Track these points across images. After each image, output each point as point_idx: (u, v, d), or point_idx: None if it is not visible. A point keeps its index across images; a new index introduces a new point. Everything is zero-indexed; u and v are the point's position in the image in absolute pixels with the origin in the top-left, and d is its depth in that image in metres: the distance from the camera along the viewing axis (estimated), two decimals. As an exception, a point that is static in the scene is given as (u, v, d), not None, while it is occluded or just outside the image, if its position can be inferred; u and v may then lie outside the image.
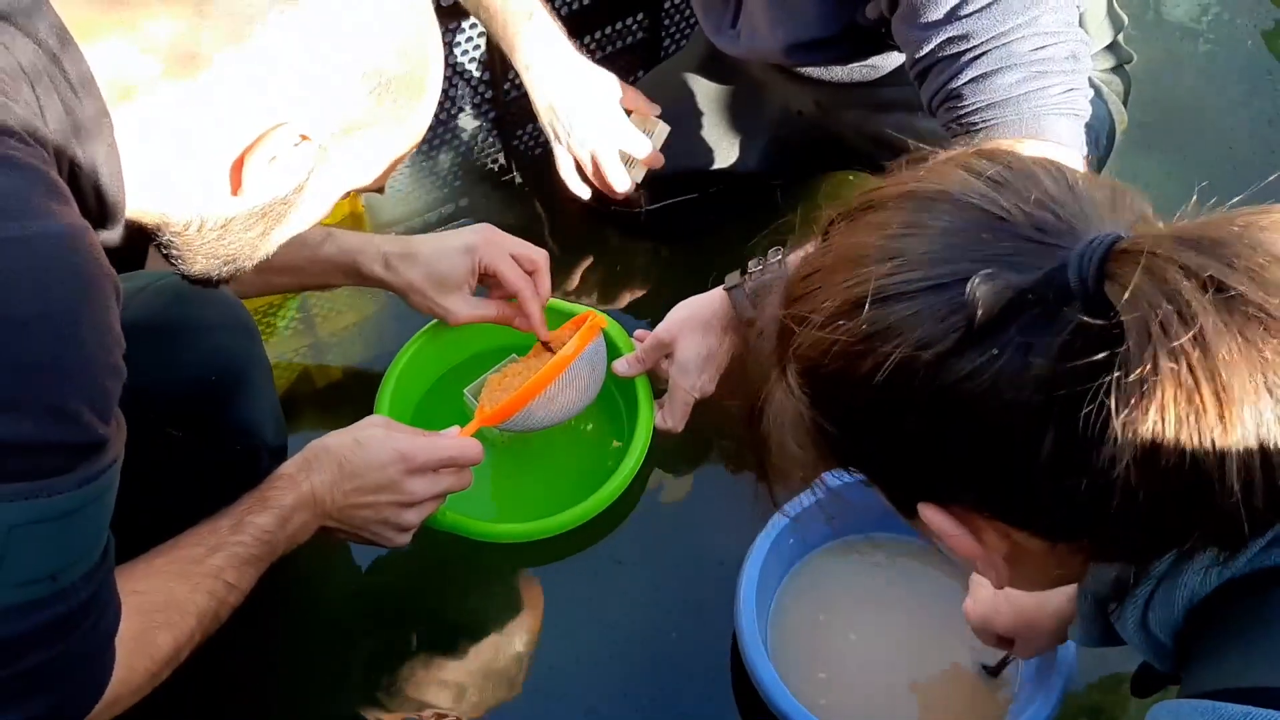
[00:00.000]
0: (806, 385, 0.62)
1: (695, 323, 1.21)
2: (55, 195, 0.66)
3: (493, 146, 1.75)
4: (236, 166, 0.77)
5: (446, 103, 1.70)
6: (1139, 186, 0.59)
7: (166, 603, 0.85)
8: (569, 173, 1.42)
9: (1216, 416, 0.50)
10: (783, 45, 1.29)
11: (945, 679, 1.12)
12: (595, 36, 1.73)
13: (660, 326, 1.24)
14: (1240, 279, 0.50)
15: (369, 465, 1.02)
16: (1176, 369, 0.49)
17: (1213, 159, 1.71)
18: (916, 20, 1.06)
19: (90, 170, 0.71)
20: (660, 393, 1.27)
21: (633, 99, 1.40)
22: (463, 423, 1.17)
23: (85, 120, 0.70)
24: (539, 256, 1.26)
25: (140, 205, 0.76)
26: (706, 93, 1.54)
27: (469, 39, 1.65)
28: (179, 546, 0.90)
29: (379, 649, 1.19)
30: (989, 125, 1.05)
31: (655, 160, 1.42)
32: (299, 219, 0.85)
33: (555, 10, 1.45)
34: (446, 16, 1.57)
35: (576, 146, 1.37)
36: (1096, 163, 1.29)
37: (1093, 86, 1.08)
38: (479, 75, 1.70)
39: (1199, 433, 0.50)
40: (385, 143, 0.84)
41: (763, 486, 0.74)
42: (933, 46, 1.05)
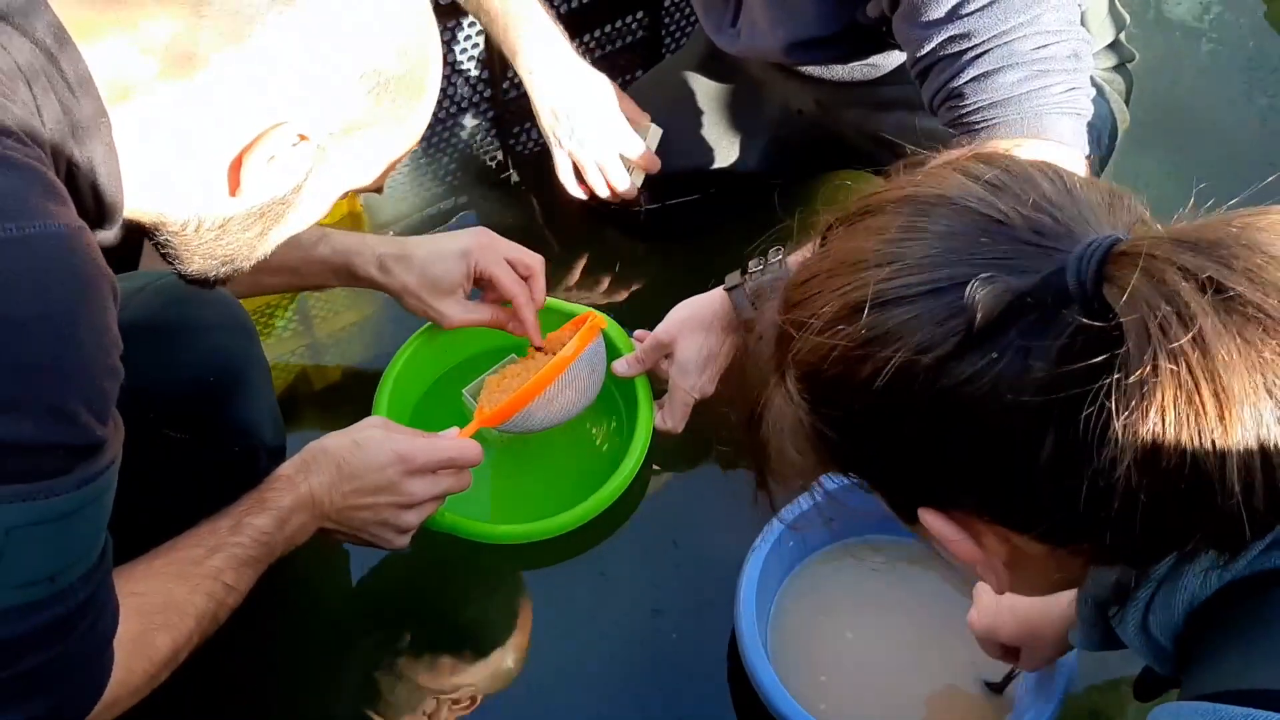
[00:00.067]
0: (806, 391, 0.62)
1: (695, 323, 1.21)
2: (53, 195, 0.66)
3: (491, 145, 1.75)
4: (235, 166, 0.77)
5: (445, 102, 1.70)
6: (1139, 186, 0.59)
7: (165, 604, 0.85)
8: (567, 176, 1.42)
9: (1216, 417, 0.50)
10: (783, 44, 1.29)
11: (946, 681, 1.12)
12: (595, 35, 1.73)
13: (660, 327, 1.23)
14: (1239, 279, 0.50)
15: (368, 466, 1.02)
16: (1176, 370, 0.49)
17: (1213, 158, 1.71)
18: (917, 19, 1.06)
19: (88, 170, 0.71)
20: (660, 393, 1.27)
21: (624, 105, 1.41)
22: (461, 424, 1.16)
23: (83, 120, 0.69)
24: (534, 261, 1.25)
25: (138, 205, 0.76)
26: (706, 92, 1.54)
27: (468, 38, 1.65)
28: (177, 548, 0.90)
29: (378, 649, 1.18)
30: (990, 124, 1.05)
31: (652, 164, 1.43)
32: (297, 219, 0.85)
33: (555, 9, 1.45)
34: (446, 16, 1.57)
35: (577, 150, 1.37)
36: (1098, 162, 1.29)
37: (1094, 85, 1.08)
38: (478, 74, 1.70)
39: (1199, 434, 0.50)
40: (384, 143, 0.84)
41: (763, 495, 0.74)
42: (934, 45, 1.05)
